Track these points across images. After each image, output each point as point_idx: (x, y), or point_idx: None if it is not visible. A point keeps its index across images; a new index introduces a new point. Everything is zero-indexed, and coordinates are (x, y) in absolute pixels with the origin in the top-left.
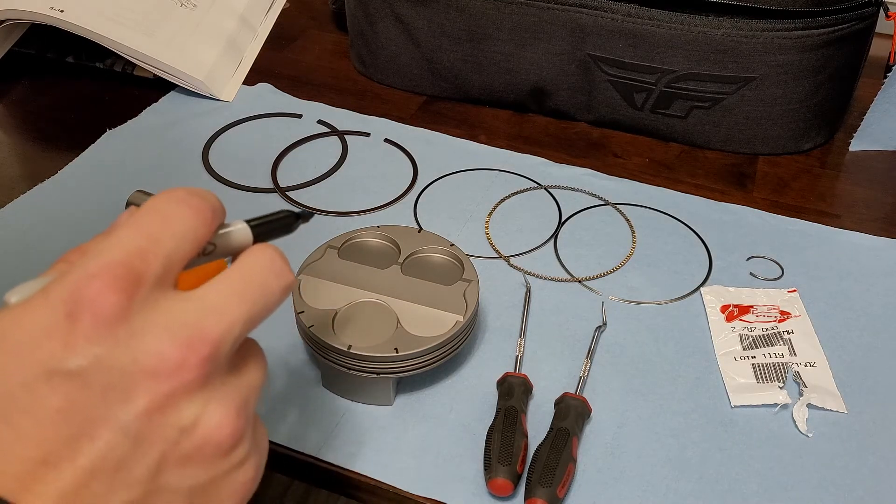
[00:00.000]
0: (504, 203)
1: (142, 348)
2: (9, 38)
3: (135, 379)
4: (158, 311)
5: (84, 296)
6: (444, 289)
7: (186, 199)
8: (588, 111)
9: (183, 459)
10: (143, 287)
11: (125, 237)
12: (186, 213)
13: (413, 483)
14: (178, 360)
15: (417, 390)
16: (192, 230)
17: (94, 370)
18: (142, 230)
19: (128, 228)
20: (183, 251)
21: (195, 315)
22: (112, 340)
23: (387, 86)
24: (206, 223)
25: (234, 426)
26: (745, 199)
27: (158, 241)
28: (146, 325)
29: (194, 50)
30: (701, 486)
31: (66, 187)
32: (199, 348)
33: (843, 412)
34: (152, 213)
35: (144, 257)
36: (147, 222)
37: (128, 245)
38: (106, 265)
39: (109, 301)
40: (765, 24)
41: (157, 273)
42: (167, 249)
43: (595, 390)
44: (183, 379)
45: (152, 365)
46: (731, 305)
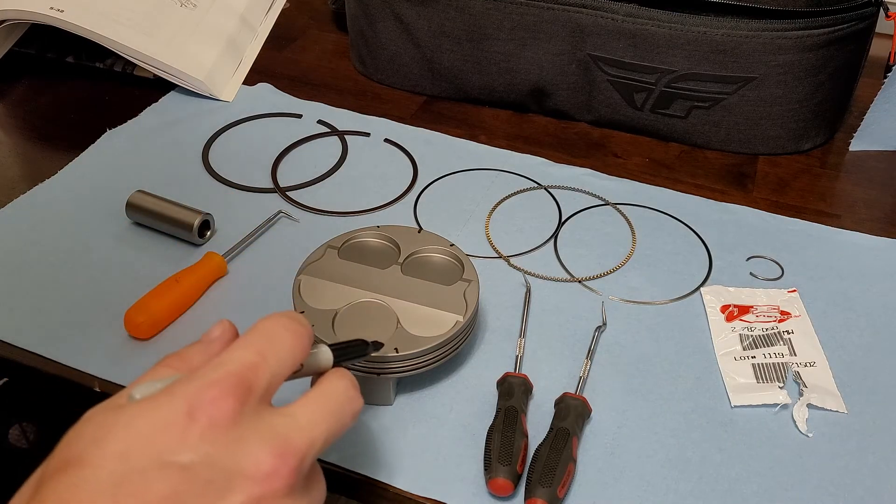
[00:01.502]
0: (504, 203)
1: (244, 453)
2: (9, 38)
3: (234, 479)
4: (261, 421)
5: (204, 398)
6: (444, 289)
7: (289, 325)
8: (588, 111)
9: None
10: (253, 398)
11: (240, 353)
12: (290, 338)
13: (413, 483)
14: (272, 468)
15: (417, 390)
16: (293, 353)
17: (201, 466)
18: (254, 348)
19: (243, 347)
20: (285, 370)
21: (288, 430)
22: (222, 442)
23: (387, 86)
24: (303, 348)
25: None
26: (745, 199)
27: (267, 359)
28: (250, 433)
29: (194, 50)
30: (701, 486)
31: (66, 187)
32: (289, 460)
33: (843, 412)
34: (262, 335)
35: (256, 372)
36: (258, 342)
37: (243, 360)
38: (225, 375)
39: (225, 406)
40: (765, 24)
41: (264, 387)
42: (273, 368)
43: (595, 390)
44: (274, 485)
45: (251, 469)
46: (731, 305)
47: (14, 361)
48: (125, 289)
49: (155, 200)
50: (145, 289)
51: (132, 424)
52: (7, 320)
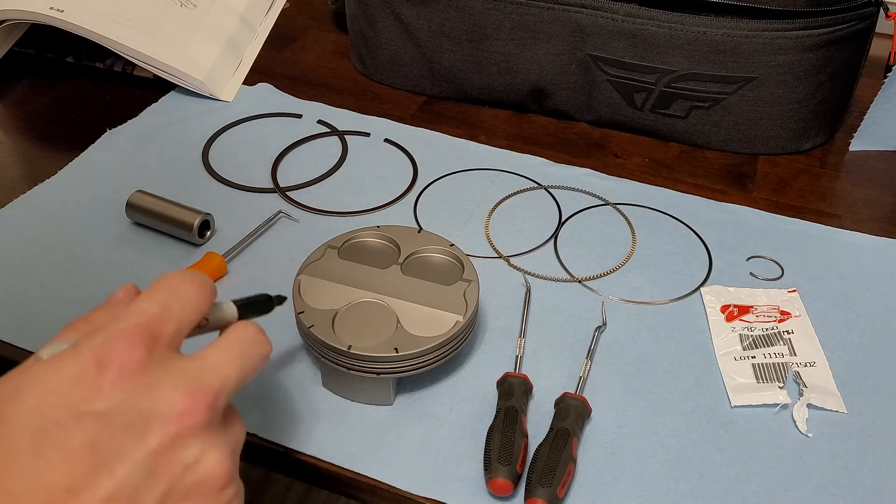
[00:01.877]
0: (504, 203)
1: (157, 396)
2: (9, 38)
3: (150, 421)
4: (170, 367)
5: (112, 350)
6: (444, 289)
7: (190, 277)
8: (588, 111)
9: (185, 493)
10: (160, 346)
11: (145, 306)
12: (192, 289)
13: (413, 483)
14: (186, 407)
15: (417, 390)
16: (196, 303)
17: (116, 412)
18: (157, 300)
19: (146, 300)
20: (189, 319)
21: (199, 372)
22: (133, 388)
23: (387, 86)
24: (206, 298)
25: (227, 467)
26: (745, 199)
27: (171, 309)
28: (160, 377)
29: (194, 50)
30: (701, 486)
31: (66, 187)
32: (203, 398)
33: (843, 412)
34: (164, 288)
35: (160, 322)
36: (161, 295)
37: (147, 311)
38: (131, 326)
39: (133, 355)
40: (765, 24)
41: (170, 335)
42: (178, 316)
43: (595, 390)
44: (189, 422)
45: (165, 410)
46: (731, 305)
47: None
48: None
49: (155, 200)
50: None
51: (43, 381)
52: (7, 320)
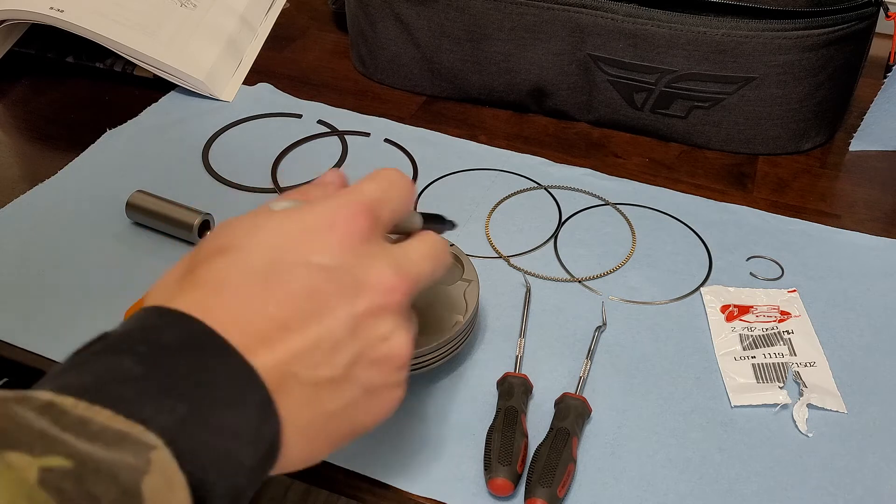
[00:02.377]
0: (504, 203)
1: (372, 266)
2: (9, 38)
3: (363, 287)
4: (386, 248)
5: (343, 214)
6: (444, 289)
7: (404, 176)
8: (588, 111)
9: (373, 361)
10: (379, 225)
11: (369, 187)
12: (405, 186)
13: (413, 483)
14: (393, 284)
15: (417, 390)
16: (407, 199)
17: (338, 270)
18: (379, 186)
19: (370, 183)
20: (401, 209)
21: (404, 259)
22: (355, 254)
23: (387, 86)
24: (412, 198)
25: (410, 350)
26: (745, 199)
27: (389, 196)
28: (376, 252)
29: (194, 50)
30: (701, 486)
31: (66, 187)
32: (406, 281)
33: (843, 412)
34: (385, 178)
35: (381, 204)
36: (382, 183)
37: (371, 193)
38: (359, 200)
39: (361, 223)
40: (765, 24)
41: (386, 219)
42: (393, 205)
43: (595, 390)
44: (392, 298)
45: (375, 281)
46: (731, 305)
47: (14, 361)
48: (125, 289)
49: (155, 200)
50: (145, 289)
51: (283, 225)
52: (7, 320)
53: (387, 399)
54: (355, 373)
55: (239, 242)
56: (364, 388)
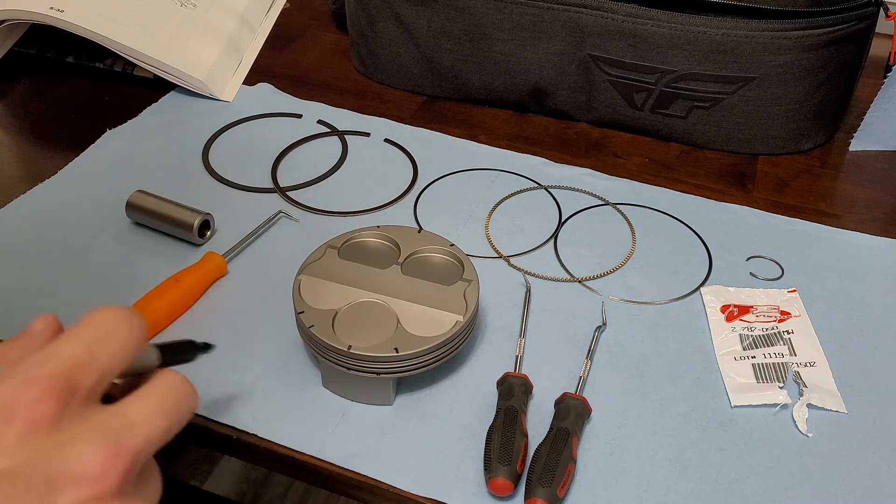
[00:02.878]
0: (504, 203)
1: (69, 455)
2: (9, 38)
3: (58, 483)
4: (86, 421)
5: (20, 402)
6: (444, 289)
7: (125, 317)
8: (588, 111)
9: None
10: (77, 397)
11: (67, 349)
12: (124, 332)
13: (413, 483)
14: (101, 470)
15: (417, 390)
16: (125, 349)
17: (20, 472)
18: (82, 343)
19: (70, 341)
20: (115, 368)
21: (120, 429)
22: (41, 445)
23: (387, 86)
24: (137, 344)
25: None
26: (745, 199)
27: (96, 356)
28: (74, 433)
29: (194, 50)
30: (701, 486)
31: (66, 187)
32: (121, 459)
33: (843, 412)
34: (94, 327)
35: (82, 370)
36: (88, 336)
37: (69, 356)
38: (46, 374)
39: (44, 409)
40: (765, 24)
41: (91, 386)
42: (103, 365)
43: (595, 390)
44: (102, 487)
45: (77, 472)
46: (731, 305)
47: None
48: (125, 289)
49: (155, 200)
50: (145, 289)
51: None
52: (7, 320)
53: None
54: None
55: None
56: None
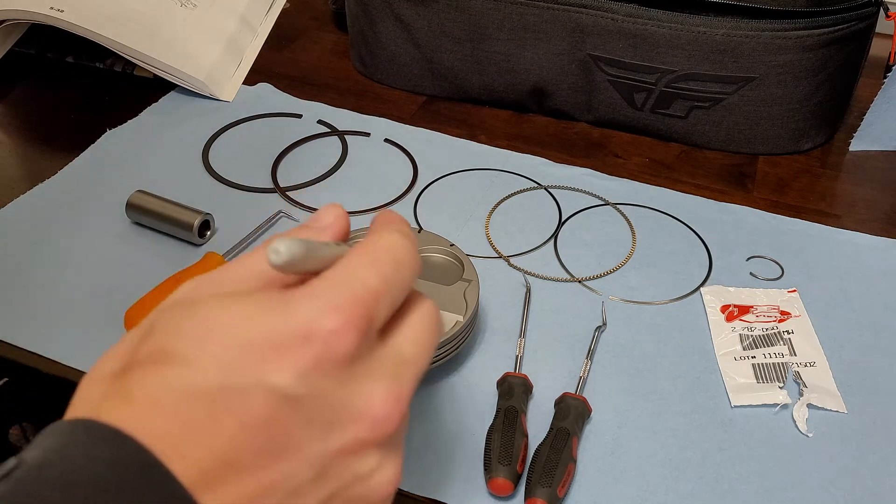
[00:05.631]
0: (504, 203)
1: (358, 392)
2: (9, 38)
3: (341, 419)
4: (376, 357)
5: (325, 325)
6: (444, 289)
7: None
8: (588, 111)
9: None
10: (372, 331)
11: (366, 276)
12: (413, 264)
13: (413, 483)
14: (385, 413)
15: (418, 390)
16: (411, 281)
17: (308, 399)
18: (380, 273)
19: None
20: (400, 299)
21: (399, 368)
22: (335, 377)
23: (387, 86)
24: (417, 272)
25: (395, 485)
26: (745, 199)
27: (390, 289)
28: (366, 370)
29: (194, 50)
30: (701, 486)
31: (66, 187)
32: (403, 402)
33: (843, 412)
34: (389, 257)
35: (378, 303)
36: (385, 267)
37: (368, 284)
38: (350, 300)
39: (346, 340)
40: (765, 24)
41: (383, 317)
42: (393, 298)
43: (595, 390)
44: (382, 431)
45: (362, 411)
46: (731, 305)
47: (14, 361)
48: (125, 289)
49: (155, 200)
50: (145, 289)
51: (245, 331)
52: (7, 320)
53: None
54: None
55: (184, 351)
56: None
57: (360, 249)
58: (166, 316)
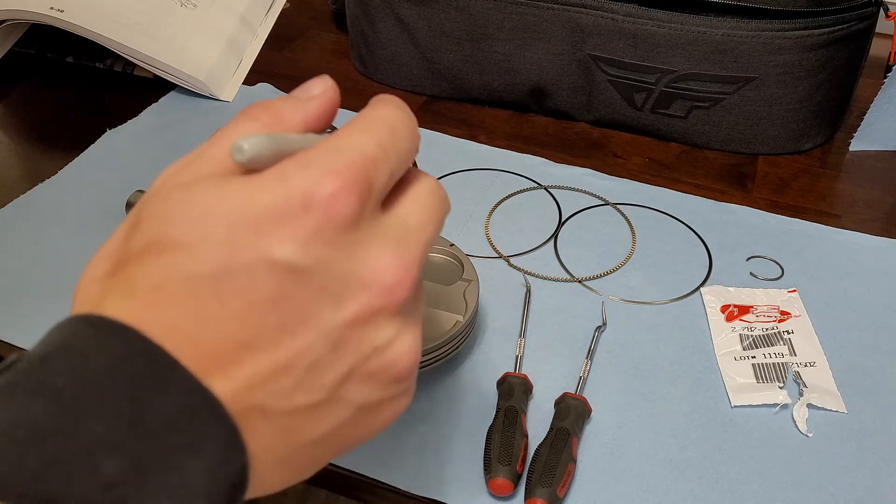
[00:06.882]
0: (504, 203)
1: (364, 259)
2: (9, 38)
3: (350, 288)
4: (380, 225)
5: (323, 190)
6: (444, 289)
7: (409, 120)
8: (588, 111)
9: (367, 376)
10: (373, 197)
11: (361, 141)
12: (410, 131)
13: (413, 483)
14: (395, 279)
15: (417, 390)
16: (410, 150)
17: (315, 269)
18: (375, 138)
19: (364, 134)
20: (400, 170)
21: (404, 235)
22: (339, 244)
23: (387, 86)
24: (416, 147)
25: (416, 356)
26: (745, 199)
27: (388, 155)
28: (370, 237)
29: (194, 50)
30: (701, 486)
31: (66, 187)
32: (412, 269)
33: (843, 412)
34: (384, 123)
35: (377, 168)
36: (380, 132)
37: (364, 150)
38: (347, 164)
39: (346, 203)
40: (765, 24)
41: (382, 185)
42: (392, 164)
43: (595, 390)
44: (394, 298)
45: (370, 278)
46: (731, 305)
47: None
48: None
49: None
50: None
51: (240, 208)
52: (7, 320)
53: (388, 412)
54: (344, 393)
55: (180, 237)
56: (357, 406)
57: (354, 120)
58: (153, 205)
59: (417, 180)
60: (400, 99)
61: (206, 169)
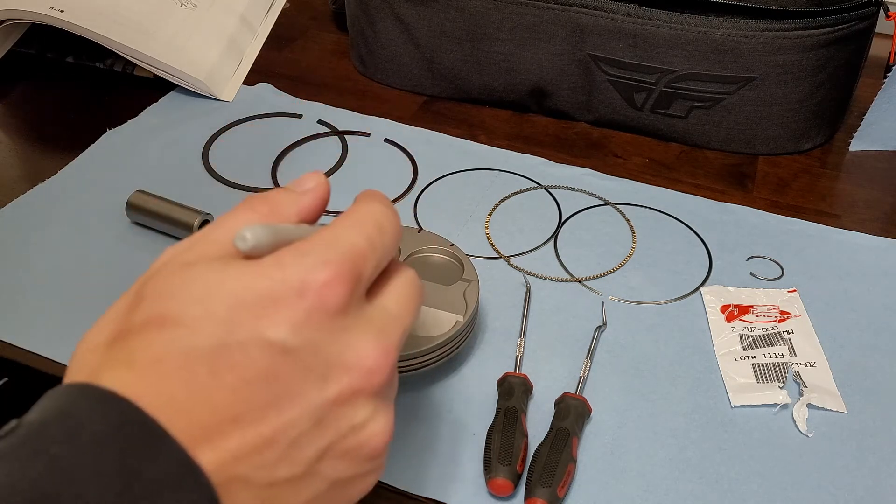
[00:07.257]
0: (504, 203)
1: (348, 343)
2: (9, 38)
3: (335, 369)
4: (364, 313)
5: (317, 279)
6: (444, 289)
7: (394, 218)
8: (588, 111)
9: (343, 453)
10: (360, 286)
11: (352, 236)
12: (394, 228)
13: (413, 483)
14: (375, 364)
15: (417, 390)
16: (394, 244)
17: (305, 350)
18: (365, 234)
19: (354, 229)
20: (384, 262)
21: (386, 323)
22: (328, 328)
23: (387, 86)
24: (399, 240)
25: (388, 436)
26: (745, 199)
27: (375, 249)
28: (356, 323)
29: (194, 50)
30: (701, 486)
31: (66, 187)
32: (391, 354)
33: (843, 412)
34: (372, 220)
35: (365, 260)
36: (369, 228)
37: (355, 244)
38: (340, 257)
39: (337, 292)
40: (765, 24)
41: (369, 276)
42: (378, 258)
43: (595, 390)
44: (373, 381)
45: (353, 361)
46: (731, 305)
47: (14, 361)
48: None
49: (155, 200)
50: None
51: (240, 290)
52: (7, 320)
53: (358, 488)
54: (321, 468)
55: (181, 313)
56: (332, 481)
57: (344, 216)
58: (157, 281)
59: (397, 272)
60: (384, 195)
61: (210, 251)
